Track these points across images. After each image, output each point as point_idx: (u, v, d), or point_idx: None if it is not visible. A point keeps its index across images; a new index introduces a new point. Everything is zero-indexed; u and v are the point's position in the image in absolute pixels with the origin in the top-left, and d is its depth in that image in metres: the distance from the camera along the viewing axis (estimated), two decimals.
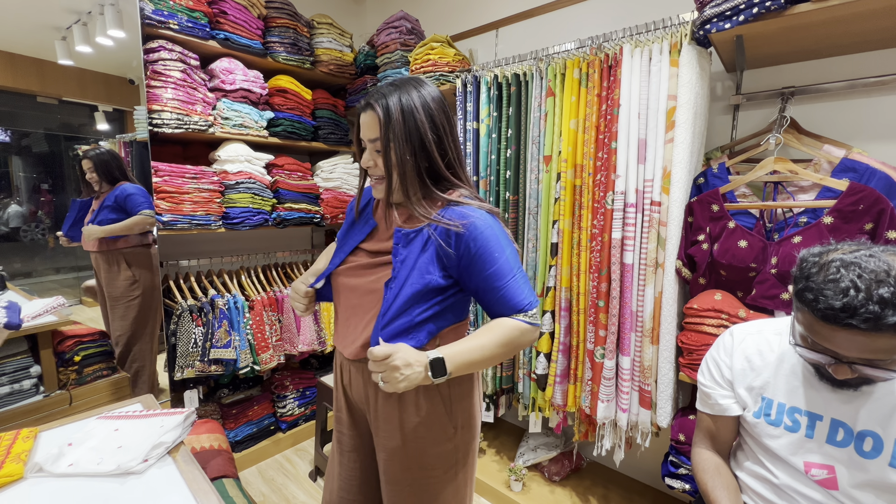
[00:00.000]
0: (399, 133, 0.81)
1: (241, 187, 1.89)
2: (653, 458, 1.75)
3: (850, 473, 0.77)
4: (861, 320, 0.63)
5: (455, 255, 0.81)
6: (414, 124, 0.81)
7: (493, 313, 0.85)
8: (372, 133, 0.83)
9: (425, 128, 0.82)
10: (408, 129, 0.81)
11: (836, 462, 0.78)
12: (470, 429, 0.93)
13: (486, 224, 0.81)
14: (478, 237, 0.79)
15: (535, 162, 1.59)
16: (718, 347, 0.95)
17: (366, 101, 0.84)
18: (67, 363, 1.62)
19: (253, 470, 1.99)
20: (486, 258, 0.80)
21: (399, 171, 0.83)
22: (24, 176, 1.72)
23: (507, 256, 0.81)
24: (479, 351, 0.79)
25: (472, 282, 0.82)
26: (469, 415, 0.93)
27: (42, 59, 1.62)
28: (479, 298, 0.85)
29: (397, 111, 0.80)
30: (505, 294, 0.81)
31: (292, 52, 2.06)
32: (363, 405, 0.94)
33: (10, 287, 1.63)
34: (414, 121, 0.81)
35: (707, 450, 0.96)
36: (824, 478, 0.79)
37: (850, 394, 0.77)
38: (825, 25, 1.10)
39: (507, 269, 0.81)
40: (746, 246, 1.21)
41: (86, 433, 0.95)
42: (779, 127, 1.28)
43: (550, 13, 1.94)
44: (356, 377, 0.93)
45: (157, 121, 1.67)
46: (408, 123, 0.81)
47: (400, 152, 0.81)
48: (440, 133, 0.84)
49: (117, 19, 1.68)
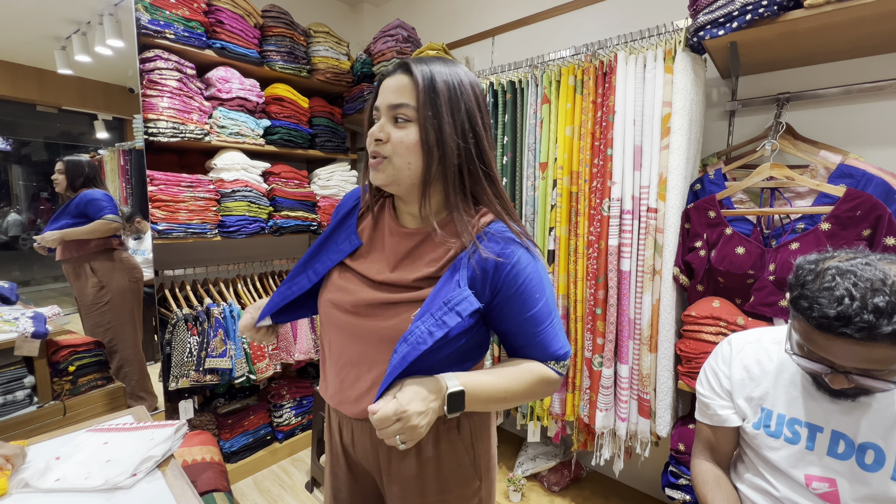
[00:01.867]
0: (443, 105, 0.64)
1: (238, 195, 1.89)
2: (653, 468, 1.72)
3: (851, 487, 0.75)
4: (856, 329, 0.62)
5: (490, 292, 0.67)
6: (459, 102, 0.65)
7: (521, 356, 0.73)
8: (400, 97, 0.65)
9: (474, 113, 0.66)
10: (453, 105, 0.65)
11: (837, 475, 0.76)
12: (490, 473, 0.81)
13: (529, 259, 0.68)
14: (521, 273, 0.66)
15: (532, 169, 1.58)
16: (717, 357, 0.93)
17: (399, 64, 0.68)
18: (62, 373, 1.61)
19: (249, 481, 1.97)
20: (528, 299, 0.67)
21: (436, 155, 0.64)
22: (24, 184, 1.72)
23: (548, 298, 0.70)
24: (502, 391, 0.67)
25: (505, 323, 0.69)
26: (489, 456, 0.81)
27: (42, 69, 1.63)
28: (507, 339, 0.72)
29: (442, 81, 0.64)
30: (543, 340, 0.70)
31: (289, 61, 2.07)
32: (371, 467, 0.79)
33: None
34: (460, 98, 0.65)
35: (707, 461, 0.94)
36: (825, 491, 0.77)
37: (850, 405, 0.76)
38: (819, 32, 1.10)
39: (547, 313, 0.69)
40: (744, 252, 1.20)
41: (74, 446, 0.94)
42: (775, 133, 1.28)
43: (546, 21, 1.95)
44: (362, 438, 0.76)
45: (153, 129, 1.67)
46: (453, 99, 0.65)
47: (438, 130, 0.64)
48: (484, 130, 0.69)
49: (116, 29, 1.69)
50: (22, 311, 1.28)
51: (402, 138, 0.65)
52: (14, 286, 1.56)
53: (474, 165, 0.67)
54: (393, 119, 0.66)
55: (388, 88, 0.67)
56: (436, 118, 0.64)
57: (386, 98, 0.67)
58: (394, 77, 0.67)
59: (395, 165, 0.66)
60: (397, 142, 0.65)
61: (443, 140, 0.64)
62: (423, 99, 0.63)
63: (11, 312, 1.27)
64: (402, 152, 0.65)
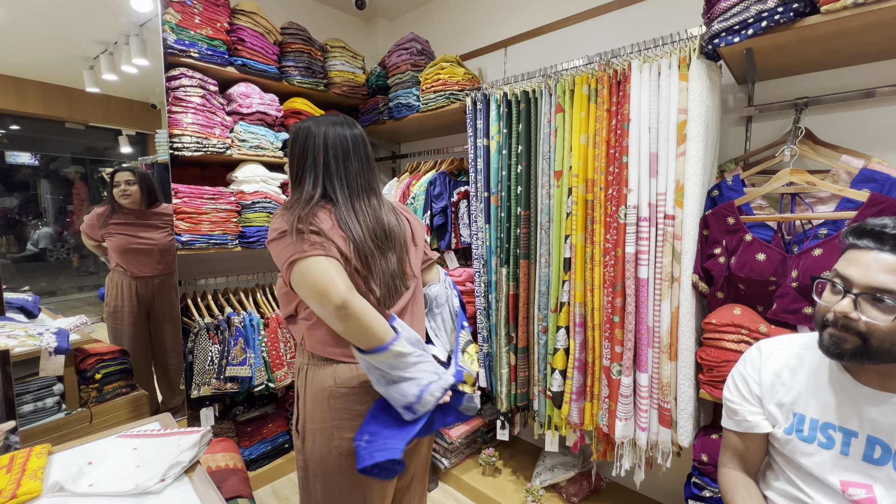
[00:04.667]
0: None
1: (257, 207, 1.93)
2: (675, 479, 1.69)
3: (889, 493, 0.73)
4: (890, 238, 0.70)
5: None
6: None
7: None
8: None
9: None
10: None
11: (874, 481, 0.75)
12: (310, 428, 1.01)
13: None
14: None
15: (546, 177, 1.59)
16: (745, 363, 0.93)
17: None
18: (89, 381, 1.66)
19: (267, 489, 1.99)
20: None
21: None
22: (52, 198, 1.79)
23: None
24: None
25: None
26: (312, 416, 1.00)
27: (71, 88, 1.70)
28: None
29: None
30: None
31: (307, 76, 2.12)
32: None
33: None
34: None
35: (735, 469, 0.92)
36: (863, 497, 0.75)
37: (888, 409, 0.74)
38: (836, 37, 1.09)
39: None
40: (765, 259, 1.19)
41: (105, 452, 0.97)
42: (794, 138, 1.27)
43: (558, 31, 1.97)
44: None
45: (178, 144, 1.73)
46: None
47: None
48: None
49: (141, 49, 1.76)
50: (46, 326, 1.32)
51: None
52: (37, 299, 1.60)
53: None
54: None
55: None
56: None
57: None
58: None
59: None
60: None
61: None
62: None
63: (36, 327, 1.31)
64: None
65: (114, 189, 1.78)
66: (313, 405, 0.99)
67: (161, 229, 1.82)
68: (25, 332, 1.25)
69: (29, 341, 1.21)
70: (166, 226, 1.80)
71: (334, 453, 0.97)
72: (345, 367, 0.97)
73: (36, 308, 1.59)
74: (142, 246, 1.81)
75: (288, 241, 0.89)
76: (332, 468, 0.98)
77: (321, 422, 0.97)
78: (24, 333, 1.23)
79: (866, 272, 0.70)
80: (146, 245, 1.81)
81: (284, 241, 0.90)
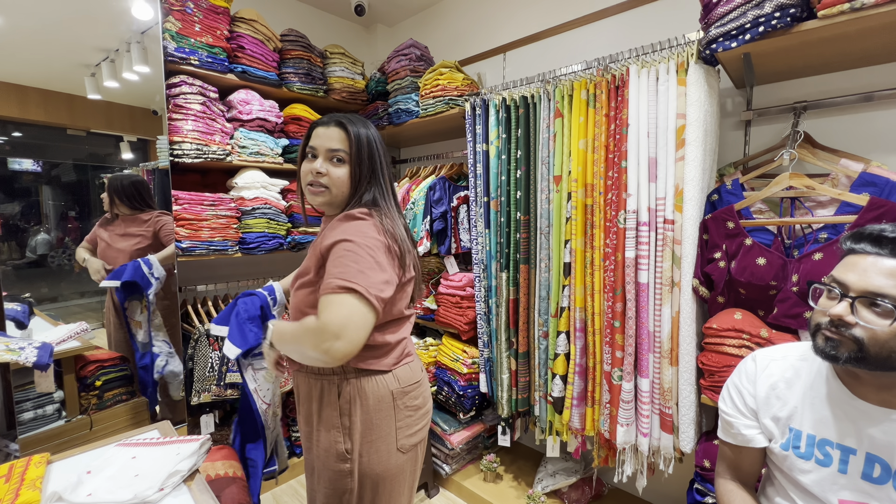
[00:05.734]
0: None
1: (258, 213, 1.94)
2: (678, 485, 1.68)
3: None
4: (889, 241, 0.70)
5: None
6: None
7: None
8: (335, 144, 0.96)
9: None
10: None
11: (872, 500, 0.73)
12: (366, 437, 0.99)
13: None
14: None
15: (546, 182, 1.59)
16: (740, 373, 0.91)
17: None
18: (89, 388, 1.66)
19: (268, 496, 1.98)
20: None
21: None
22: (53, 204, 1.79)
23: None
24: (287, 335, 0.92)
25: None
26: (369, 424, 0.99)
27: (73, 94, 1.71)
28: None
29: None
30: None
31: (306, 82, 2.13)
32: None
33: (36, 312, 1.69)
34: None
35: (731, 481, 0.91)
36: None
37: (887, 426, 0.73)
38: (834, 41, 1.10)
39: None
40: (765, 263, 1.18)
41: (104, 461, 0.96)
42: (792, 142, 1.27)
43: (557, 36, 1.98)
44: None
45: (178, 151, 1.73)
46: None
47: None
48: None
49: (142, 56, 1.77)
50: (30, 340, 1.30)
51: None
52: (26, 309, 1.59)
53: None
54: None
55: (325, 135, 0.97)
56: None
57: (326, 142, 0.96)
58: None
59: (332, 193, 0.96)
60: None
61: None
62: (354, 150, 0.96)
63: (19, 341, 1.28)
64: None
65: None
66: (377, 413, 0.95)
67: (135, 237, 1.78)
68: (6, 346, 1.23)
69: (6, 356, 1.18)
70: (142, 234, 1.78)
71: (396, 455, 0.97)
72: (406, 369, 1.01)
73: (25, 318, 1.58)
74: (114, 253, 1.77)
75: (369, 262, 0.84)
76: (395, 470, 0.98)
77: (386, 427, 0.96)
78: (4, 348, 1.21)
79: (864, 276, 0.70)
80: (116, 252, 1.77)
81: (365, 258, 0.84)
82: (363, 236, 0.86)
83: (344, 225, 0.89)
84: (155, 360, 1.80)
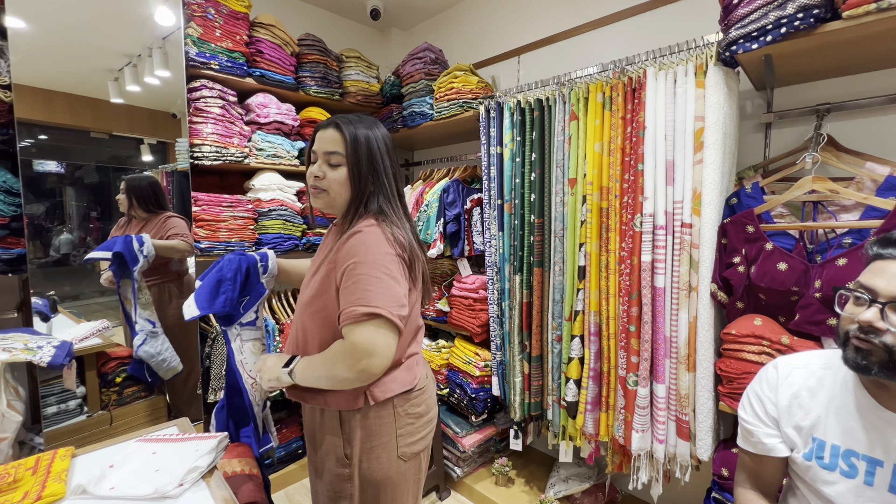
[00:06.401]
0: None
1: (274, 214, 1.96)
2: (694, 494, 1.65)
3: None
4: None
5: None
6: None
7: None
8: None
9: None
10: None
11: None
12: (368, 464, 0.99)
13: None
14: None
15: (560, 185, 1.58)
16: (761, 381, 0.89)
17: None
18: (109, 384, 1.70)
19: (281, 494, 2.00)
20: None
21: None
22: (77, 205, 1.84)
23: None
24: (317, 366, 0.92)
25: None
26: (369, 453, 0.98)
27: (96, 98, 1.76)
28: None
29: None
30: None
31: (322, 86, 2.16)
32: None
33: (60, 310, 1.73)
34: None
35: (751, 490, 0.89)
36: None
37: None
38: (859, 42, 1.07)
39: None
40: (787, 268, 1.16)
41: (126, 455, 0.98)
42: (815, 145, 1.24)
43: (571, 39, 1.97)
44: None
45: (198, 153, 1.77)
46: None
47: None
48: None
49: (164, 61, 1.81)
50: (50, 339, 1.30)
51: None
52: (46, 303, 1.62)
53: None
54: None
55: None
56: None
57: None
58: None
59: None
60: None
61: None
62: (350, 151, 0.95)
63: (38, 339, 1.28)
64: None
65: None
66: (376, 420, 0.96)
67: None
68: (25, 344, 1.22)
69: (21, 355, 1.17)
70: (161, 235, 1.80)
71: (397, 463, 0.97)
72: (408, 373, 1.00)
73: (47, 310, 1.62)
74: None
75: (384, 280, 0.85)
76: (396, 477, 0.97)
77: (386, 435, 0.96)
78: (22, 346, 1.21)
79: (893, 282, 0.68)
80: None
81: (379, 276, 0.86)
82: (372, 253, 0.87)
83: (350, 243, 0.89)
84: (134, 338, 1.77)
